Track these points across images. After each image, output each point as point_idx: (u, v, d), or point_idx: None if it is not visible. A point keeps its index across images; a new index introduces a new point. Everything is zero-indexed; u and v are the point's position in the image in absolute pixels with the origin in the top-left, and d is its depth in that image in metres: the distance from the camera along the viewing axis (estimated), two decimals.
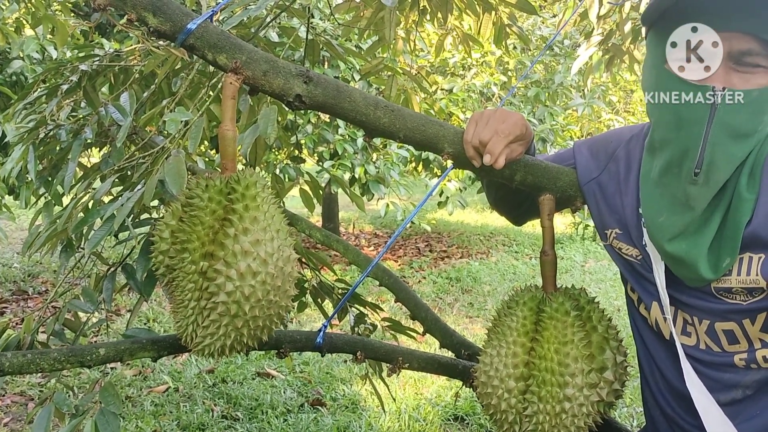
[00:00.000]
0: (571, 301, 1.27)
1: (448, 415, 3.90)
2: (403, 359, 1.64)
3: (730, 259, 1.10)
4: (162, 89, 2.31)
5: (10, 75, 4.82)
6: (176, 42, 1.21)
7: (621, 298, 6.10)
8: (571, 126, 7.52)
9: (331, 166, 5.98)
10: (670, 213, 1.14)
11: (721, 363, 1.17)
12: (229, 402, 4.03)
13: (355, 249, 2.07)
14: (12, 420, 3.79)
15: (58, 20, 2.91)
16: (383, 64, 2.73)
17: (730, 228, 1.10)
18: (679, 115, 1.09)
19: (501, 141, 1.23)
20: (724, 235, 1.10)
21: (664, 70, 1.11)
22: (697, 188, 1.09)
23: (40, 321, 1.76)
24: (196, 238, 1.14)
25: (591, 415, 1.24)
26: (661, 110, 1.13)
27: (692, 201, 1.10)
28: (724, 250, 1.10)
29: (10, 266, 7.17)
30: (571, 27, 5.03)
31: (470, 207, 11.47)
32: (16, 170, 2.17)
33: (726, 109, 1.05)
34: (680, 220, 1.13)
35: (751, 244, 1.09)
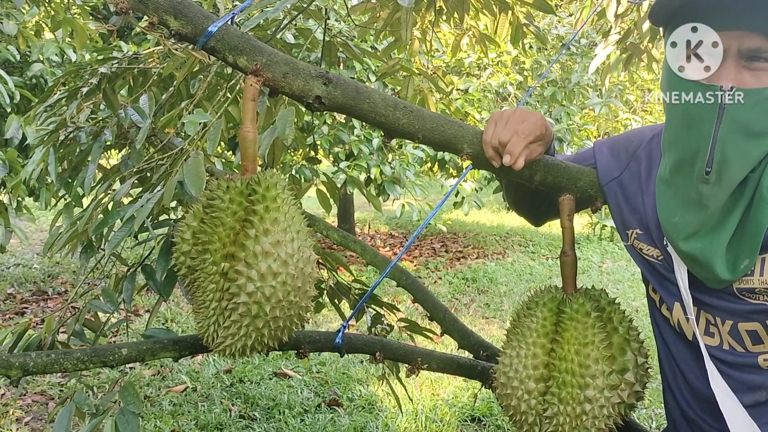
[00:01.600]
0: (592, 302, 1.26)
1: (465, 416, 3.89)
2: (421, 360, 1.64)
3: (749, 260, 1.09)
4: (180, 91, 2.32)
5: (30, 78, 4.87)
6: (197, 45, 1.22)
7: (639, 299, 6.06)
8: (587, 125, 7.47)
9: (347, 167, 5.99)
10: (683, 212, 1.14)
11: (744, 364, 1.16)
12: (246, 402, 4.05)
13: (373, 250, 2.07)
14: (33, 419, 3.83)
15: (78, 23, 2.94)
16: (399, 65, 2.73)
17: (751, 229, 1.08)
18: (689, 114, 1.09)
19: (521, 141, 1.22)
20: (743, 236, 1.09)
21: (676, 77, 1.11)
22: (709, 187, 1.08)
23: (61, 321, 1.78)
24: (217, 239, 1.14)
25: (612, 417, 1.23)
26: (673, 110, 1.13)
27: (705, 200, 1.10)
28: (743, 251, 1.09)
29: (30, 267, 7.25)
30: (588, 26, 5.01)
31: (486, 207, 11.44)
32: (36, 172, 2.19)
33: (737, 107, 1.04)
34: (694, 219, 1.12)
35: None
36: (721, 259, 1.10)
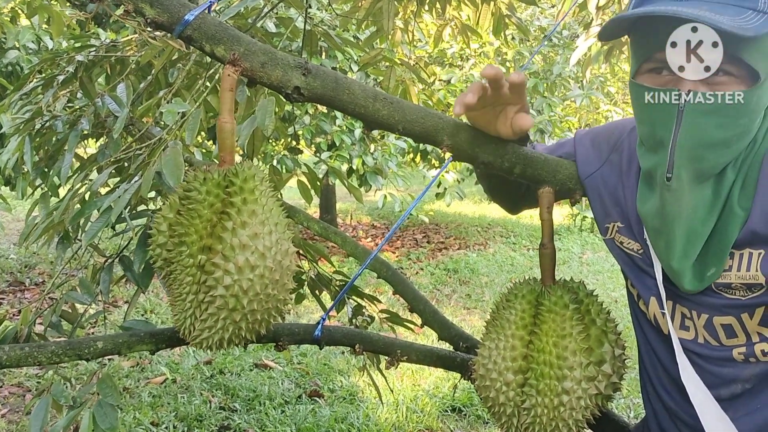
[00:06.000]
0: (570, 294, 1.27)
1: (446, 406, 3.91)
2: (401, 352, 1.64)
3: (715, 269, 1.10)
4: (159, 80, 2.30)
5: (6, 65, 4.79)
6: (174, 33, 1.20)
7: (618, 290, 6.12)
8: (569, 117, 7.50)
9: (329, 158, 5.97)
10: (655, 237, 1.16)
11: (719, 357, 1.17)
12: (226, 393, 4.04)
13: (353, 241, 2.07)
14: (9, 411, 3.79)
15: (54, 10, 2.89)
16: (381, 55, 2.72)
17: (718, 241, 1.09)
18: (653, 124, 1.09)
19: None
20: (710, 247, 1.10)
21: (634, 84, 1.11)
22: (671, 193, 1.08)
23: (38, 312, 1.76)
24: (194, 232, 1.13)
25: (589, 408, 1.24)
26: (639, 117, 1.13)
27: (667, 206, 1.09)
28: (710, 261, 1.11)
29: (6, 257, 7.16)
30: (570, 18, 5.02)
31: (468, 198, 11.47)
32: (12, 161, 2.16)
33: (694, 114, 1.03)
34: (664, 242, 1.13)
35: (750, 241, 1.08)
36: (689, 271, 1.12)
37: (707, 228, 1.10)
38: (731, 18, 0.97)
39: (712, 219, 1.10)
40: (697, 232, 1.10)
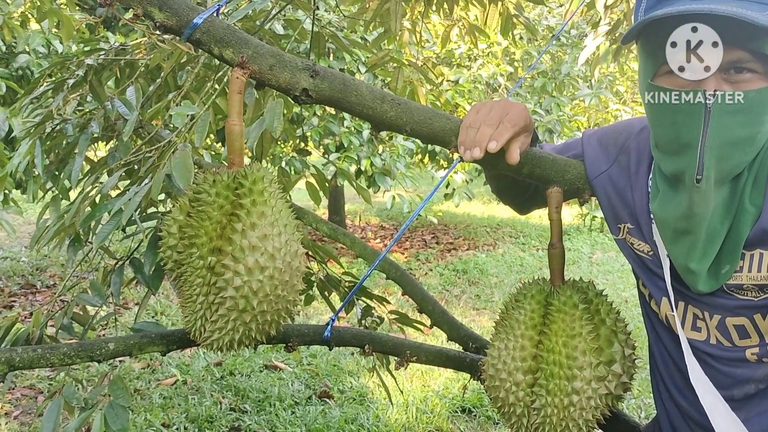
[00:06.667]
0: (579, 294, 1.27)
1: (456, 407, 3.91)
2: (411, 353, 1.64)
3: (729, 266, 1.10)
4: (168, 83, 2.31)
5: (16, 69, 4.82)
6: (182, 37, 1.21)
7: (629, 290, 6.09)
8: (578, 116, 7.47)
9: (337, 159, 5.98)
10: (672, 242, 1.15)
11: (732, 358, 1.16)
12: (237, 394, 4.05)
13: (362, 242, 2.07)
14: (22, 413, 3.82)
15: (64, 14, 2.91)
16: (389, 56, 2.72)
17: (732, 238, 1.09)
18: (676, 126, 1.06)
19: (508, 130, 1.17)
20: (725, 246, 1.10)
21: (653, 86, 1.09)
22: (700, 195, 1.07)
23: (49, 315, 1.77)
24: (203, 233, 1.14)
25: (599, 408, 1.24)
26: (659, 121, 1.11)
27: (696, 207, 1.08)
28: (724, 259, 1.10)
29: (18, 260, 7.20)
30: (578, 17, 5.01)
31: (477, 199, 11.46)
32: (23, 164, 2.18)
33: (720, 113, 1.02)
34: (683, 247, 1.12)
35: (761, 239, 1.08)
36: (704, 273, 1.11)
37: (725, 226, 1.09)
38: (761, 14, 0.96)
39: (729, 217, 1.09)
40: (716, 230, 1.09)
